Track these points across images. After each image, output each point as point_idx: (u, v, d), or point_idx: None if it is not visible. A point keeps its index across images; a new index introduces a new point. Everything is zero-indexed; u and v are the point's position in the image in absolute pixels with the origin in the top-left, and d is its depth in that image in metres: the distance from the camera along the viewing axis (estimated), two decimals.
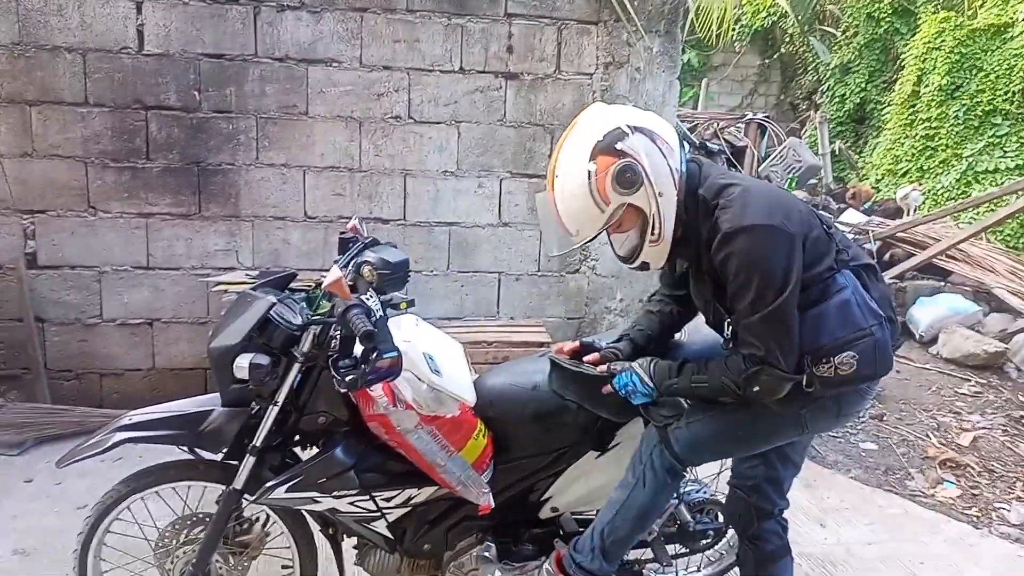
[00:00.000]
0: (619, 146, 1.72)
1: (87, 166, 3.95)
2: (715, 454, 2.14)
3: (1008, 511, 3.55)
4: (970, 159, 8.79)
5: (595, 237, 1.82)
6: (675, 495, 2.40)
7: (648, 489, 2.06)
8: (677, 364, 1.94)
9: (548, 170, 1.84)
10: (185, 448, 2.11)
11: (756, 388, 1.80)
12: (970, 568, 3.05)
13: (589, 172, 1.72)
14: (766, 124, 9.16)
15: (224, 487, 2.09)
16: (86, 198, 3.98)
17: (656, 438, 2.05)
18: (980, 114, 8.88)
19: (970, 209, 7.42)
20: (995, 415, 4.51)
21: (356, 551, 2.31)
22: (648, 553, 2.49)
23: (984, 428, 4.33)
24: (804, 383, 1.82)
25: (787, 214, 1.76)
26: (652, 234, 1.79)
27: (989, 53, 9.00)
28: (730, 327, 1.89)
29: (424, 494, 2.17)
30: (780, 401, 1.84)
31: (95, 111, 3.91)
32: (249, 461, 2.04)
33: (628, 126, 1.74)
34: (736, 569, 2.44)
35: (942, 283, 6.06)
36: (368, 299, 1.88)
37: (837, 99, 11.63)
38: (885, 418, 4.39)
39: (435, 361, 2.10)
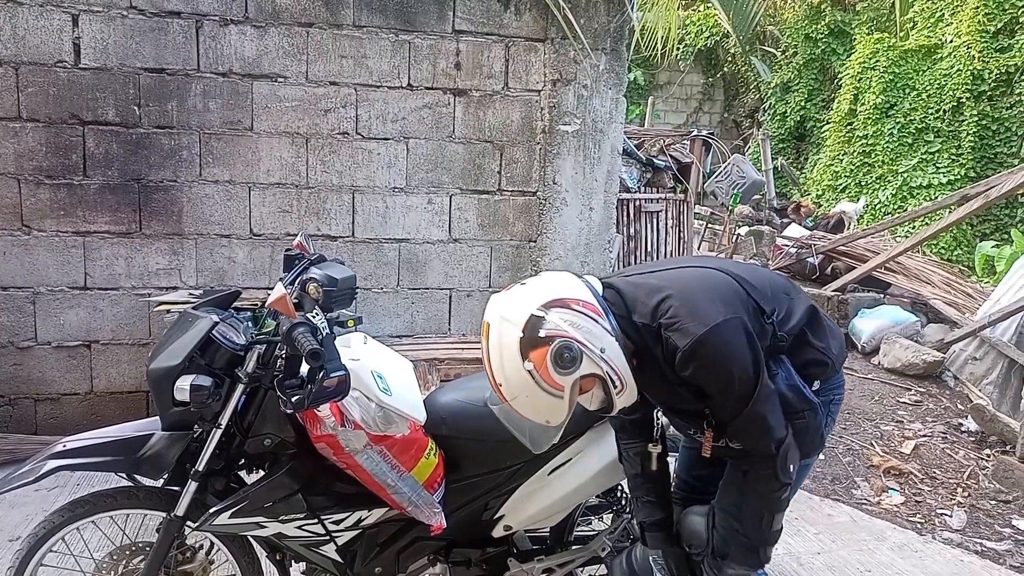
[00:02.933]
0: (542, 333, 1.66)
1: (20, 183, 3.81)
2: None
3: (950, 517, 3.65)
4: (905, 175, 9.11)
5: (567, 418, 1.75)
6: (627, 510, 2.40)
7: None
8: (743, 540, 1.87)
9: (490, 382, 1.74)
10: (124, 475, 2.03)
11: (792, 467, 1.79)
12: (915, 574, 3.12)
13: (530, 372, 1.66)
14: (711, 141, 9.31)
15: (165, 514, 2.01)
16: (19, 216, 3.83)
17: None
18: (913, 131, 9.22)
19: (907, 223, 7.67)
20: (935, 423, 4.64)
21: None
22: (602, 569, 2.48)
23: (925, 436, 4.45)
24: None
25: (725, 301, 1.76)
26: (615, 388, 1.74)
27: (920, 73, 9.37)
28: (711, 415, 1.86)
29: (374, 516, 2.12)
30: None
31: (28, 126, 3.78)
32: (191, 487, 1.97)
33: (539, 308, 1.68)
34: None
35: (882, 295, 6.24)
36: (314, 317, 1.85)
37: (778, 117, 11.95)
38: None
39: (384, 379, 2.06)
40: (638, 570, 2.12)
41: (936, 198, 8.23)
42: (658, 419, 2.03)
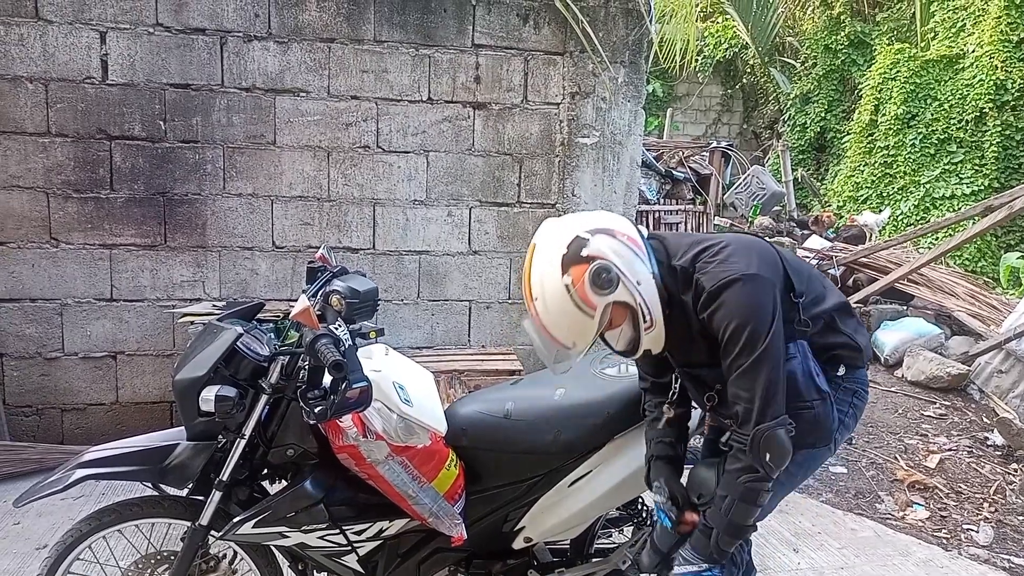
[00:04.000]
0: (584, 252, 1.74)
1: (49, 197, 3.88)
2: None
3: (976, 532, 3.59)
4: (927, 186, 9.02)
5: (593, 343, 1.82)
6: (648, 523, 2.39)
7: None
8: (700, 527, 1.87)
9: (525, 297, 1.84)
10: (149, 484, 2.06)
11: (768, 456, 1.74)
12: None
13: (567, 286, 1.74)
14: (730, 152, 9.31)
15: (189, 523, 2.04)
16: (48, 229, 3.91)
17: None
18: (936, 142, 9.13)
19: (929, 234, 7.59)
20: (960, 437, 4.58)
21: None
22: None
23: (950, 450, 4.39)
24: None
25: (763, 262, 1.80)
26: (645, 322, 1.80)
27: (942, 83, 9.29)
28: (717, 391, 1.89)
29: (395, 527, 2.13)
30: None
31: (57, 141, 3.86)
32: (215, 496, 1.99)
33: (585, 231, 1.77)
34: None
35: (905, 307, 6.17)
36: (337, 329, 1.86)
37: (798, 128, 11.89)
38: (854, 441, 4.44)
39: (405, 391, 2.08)
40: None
41: (959, 209, 8.14)
42: (675, 384, 2.08)
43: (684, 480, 2.11)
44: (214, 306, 3.92)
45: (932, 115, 9.20)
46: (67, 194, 3.90)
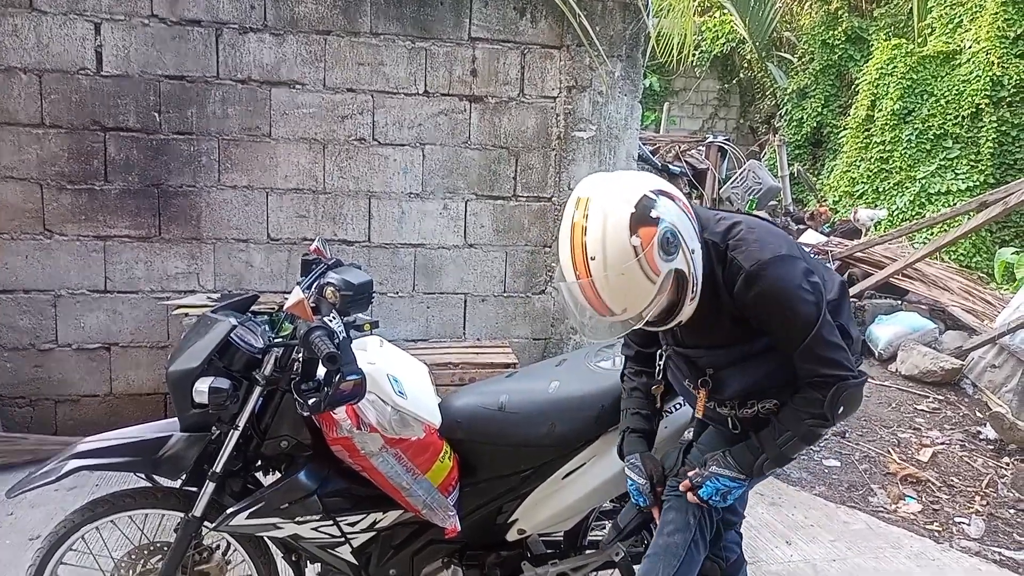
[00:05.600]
0: (653, 214, 1.63)
1: (43, 188, 3.87)
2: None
3: (968, 525, 3.61)
4: (923, 181, 9.03)
5: (644, 312, 1.69)
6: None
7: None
8: (753, 441, 1.88)
9: (571, 257, 1.66)
10: (142, 475, 2.06)
11: (842, 409, 1.79)
12: None
13: (636, 248, 1.61)
14: (726, 147, 9.32)
15: (183, 515, 2.04)
16: (41, 220, 3.89)
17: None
18: (932, 138, 9.14)
19: (924, 229, 7.61)
20: (953, 431, 4.60)
21: None
22: (616, 574, 2.48)
23: (943, 444, 4.41)
24: (729, 424, 1.94)
25: (789, 244, 1.81)
26: (692, 291, 1.72)
27: (939, 79, 9.29)
28: (711, 375, 1.91)
29: (389, 518, 2.14)
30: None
31: (51, 132, 3.85)
32: (209, 487, 1.99)
33: (651, 191, 1.66)
34: None
35: (899, 302, 6.20)
36: (331, 321, 1.86)
37: (795, 123, 11.89)
38: (847, 435, 4.45)
39: (400, 383, 2.08)
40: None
41: (954, 205, 8.16)
42: (660, 362, 2.08)
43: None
44: (208, 298, 3.92)
45: (928, 111, 9.21)
46: (61, 185, 3.89)
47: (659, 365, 2.08)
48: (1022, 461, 4.18)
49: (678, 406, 2.24)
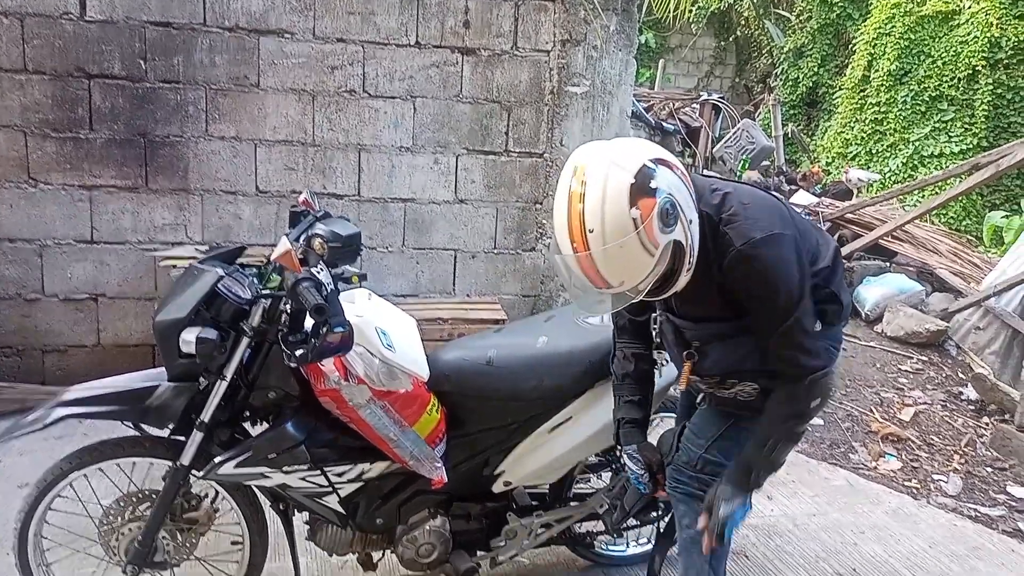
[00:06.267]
0: (652, 184, 1.59)
1: (26, 135, 3.81)
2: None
3: (946, 483, 3.68)
4: (916, 143, 9.00)
5: (642, 285, 1.66)
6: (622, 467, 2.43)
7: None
8: (741, 459, 1.89)
9: (567, 229, 1.61)
10: (130, 424, 2.06)
11: (818, 400, 1.80)
12: (908, 537, 3.17)
13: (635, 220, 1.56)
14: (721, 105, 9.25)
15: (171, 463, 2.05)
16: (26, 168, 3.84)
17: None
18: (927, 99, 9.08)
19: (915, 192, 7.61)
20: (935, 391, 4.66)
21: (307, 526, 2.29)
22: (600, 525, 2.53)
23: (925, 404, 4.48)
24: (705, 401, 2.00)
25: (782, 218, 1.78)
26: (689, 262, 1.69)
27: (937, 40, 9.19)
28: (696, 348, 1.91)
29: (377, 469, 2.16)
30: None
31: (34, 79, 3.77)
32: (197, 436, 2.00)
33: (650, 161, 1.62)
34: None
35: (887, 263, 6.22)
36: (319, 272, 1.85)
37: (790, 82, 11.78)
38: (831, 394, 4.51)
39: (388, 336, 2.08)
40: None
41: (947, 167, 8.14)
42: (653, 328, 2.07)
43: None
44: (197, 250, 3.89)
45: (925, 72, 9.13)
46: (45, 133, 3.82)
47: (654, 329, 2.07)
48: (1002, 421, 4.25)
49: (667, 361, 2.25)
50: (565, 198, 1.62)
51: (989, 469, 3.84)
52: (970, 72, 8.79)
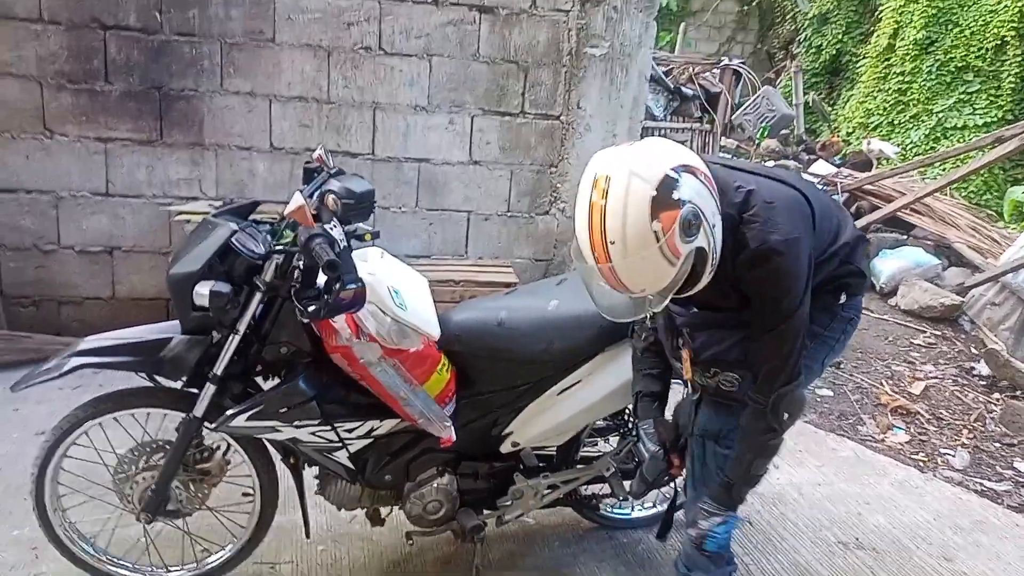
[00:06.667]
0: (675, 196, 1.56)
1: (42, 87, 3.80)
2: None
3: (953, 457, 3.69)
4: (940, 115, 8.84)
5: (666, 293, 1.66)
6: (633, 432, 2.44)
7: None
8: (721, 483, 1.91)
9: (589, 240, 1.60)
10: (144, 375, 2.09)
11: (787, 415, 1.81)
12: (913, 508, 3.18)
13: (656, 233, 1.54)
14: (741, 71, 9.07)
15: (184, 415, 2.08)
16: (42, 120, 3.84)
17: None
18: (953, 70, 8.89)
19: (937, 164, 7.49)
20: (947, 366, 4.64)
21: (317, 481, 2.32)
22: (605, 488, 2.55)
23: (936, 378, 4.46)
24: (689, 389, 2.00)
25: (803, 217, 1.78)
26: (711, 265, 1.67)
27: (965, 8, 8.97)
28: (688, 334, 1.93)
29: (386, 426, 2.18)
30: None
31: (50, 29, 3.75)
32: (209, 389, 2.02)
33: (673, 170, 1.58)
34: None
35: (905, 236, 6.16)
36: (332, 229, 1.85)
37: (814, 50, 11.55)
38: (842, 366, 4.50)
39: (400, 295, 2.09)
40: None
41: (970, 140, 8.00)
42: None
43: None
44: (211, 205, 3.90)
45: (952, 41, 8.92)
46: (61, 84, 3.81)
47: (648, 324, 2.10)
48: (1013, 397, 4.24)
49: None
50: (586, 210, 1.61)
51: (997, 445, 3.84)
52: (998, 43, 8.59)
